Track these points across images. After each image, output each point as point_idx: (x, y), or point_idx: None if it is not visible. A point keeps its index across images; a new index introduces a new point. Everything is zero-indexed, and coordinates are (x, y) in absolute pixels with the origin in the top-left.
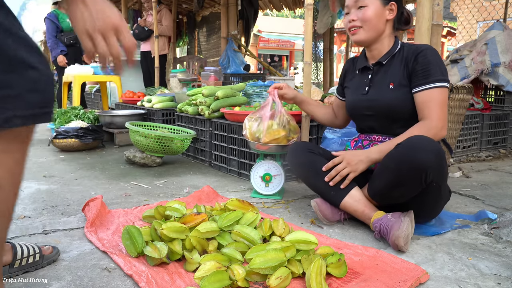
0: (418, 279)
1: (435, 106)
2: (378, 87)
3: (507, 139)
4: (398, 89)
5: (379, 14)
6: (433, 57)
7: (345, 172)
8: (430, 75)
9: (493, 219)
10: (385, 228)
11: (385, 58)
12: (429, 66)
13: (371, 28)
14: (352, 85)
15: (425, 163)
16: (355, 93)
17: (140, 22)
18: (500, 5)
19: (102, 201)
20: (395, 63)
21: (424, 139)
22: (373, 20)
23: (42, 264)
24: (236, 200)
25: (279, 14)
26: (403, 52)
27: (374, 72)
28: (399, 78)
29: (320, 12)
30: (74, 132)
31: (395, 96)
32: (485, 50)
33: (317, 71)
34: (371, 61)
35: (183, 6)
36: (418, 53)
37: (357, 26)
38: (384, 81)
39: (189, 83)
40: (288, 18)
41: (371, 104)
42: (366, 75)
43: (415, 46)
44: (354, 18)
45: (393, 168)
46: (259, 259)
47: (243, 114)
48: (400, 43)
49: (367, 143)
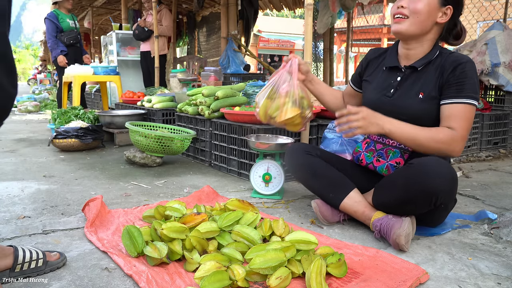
0: (418, 279)
1: (463, 122)
2: (406, 93)
3: (507, 139)
4: (427, 100)
5: (432, 11)
6: (471, 72)
7: (355, 125)
8: (464, 89)
9: (493, 219)
10: (385, 227)
11: (420, 64)
12: (465, 81)
13: (418, 22)
14: (375, 81)
15: (437, 189)
16: (378, 92)
17: (139, 23)
18: (500, 5)
19: (102, 201)
20: (429, 71)
21: (438, 162)
22: (424, 14)
23: (45, 270)
24: (236, 200)
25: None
26: (441, 60)
27: (405, 75)
28: (430, 89)
29: (320, 12)
30: (74, 132)
31: (422, 108)
32: (485, 50)
33: (317, 71)
34: (403, 62)
35: (183, 6)
36: (457, 65)
37: (404, 14)
38: (414, 88)
39: (189, 83)
40: (288, 18)
41: (395, 110)
42: (394, 76)
43: (455, 56)
44: (404, 4)
45: (403, 187)
46: (259, 259)
47: (243, 114)
48: (439, 48)
49: (380, 146)
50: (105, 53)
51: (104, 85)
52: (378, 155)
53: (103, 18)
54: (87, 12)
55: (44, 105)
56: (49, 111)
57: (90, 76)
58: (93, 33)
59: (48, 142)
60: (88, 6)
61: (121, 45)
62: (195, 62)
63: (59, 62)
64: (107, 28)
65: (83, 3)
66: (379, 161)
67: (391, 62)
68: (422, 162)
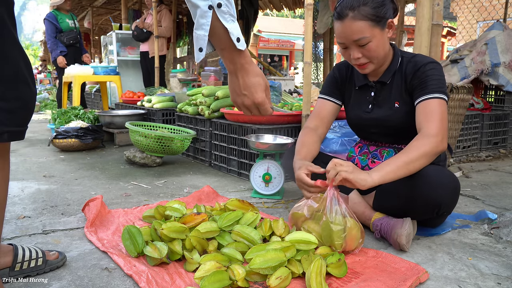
0: (418, 279)
1: (434, 118)
2: (383, 106)
3: (507, 139)
4: (403, 108)
5: (383, 41)
6: (432, 71)
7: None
8: (426, 87)
9: (493, 219)
10: (386, 227)
11: (388, 77)
12: (427, 79)
13: (380, 58)
14: (352, 98)
15: (440, 200)
16: (358, 109)
17: (138, 24)
18: (500, 5)
19: (102, 201)
20: (396, 80)
21: (441, 172)
22: (380, 52)
23: (45, 269)
24: (236, 200)
25: (279, 14)
26: (403, 67)
27: (377, 89)
28: (402, 96)
29: (320, 12)
30: (74, 132)
31: (400, 116)
32: (485, 50)
33: (317, 71)
34: (371, 78)
35: (183, 6)
36: (417, 69)
37: (364, 62)
38: (389, 99)
39: (189, 83)
40: (288, 18)
41: (377, 123)
42: (367, 92)
43: (415, 61)
44: (359, 56)
45: (405, 198)
46: (259, 259)
47: (243, 114)
48: (399, 54)
49: (373, 148)
50: (105, 53)
51: (104, 85)
52: (372, 156)
53: (103, 18)
54: (87, 12)
55: (44, 105)
56: (49, 111)
57: (90, 76)
58: (93, 33)
59: (48, 142)
60: (88, 6)
61: (121, 45)
62: (195, 62)
63: (59, 63)
64: (107, 28)
65: (83, 3)
66: (374, 162)
67: (361, 81)
68: (424, 173)
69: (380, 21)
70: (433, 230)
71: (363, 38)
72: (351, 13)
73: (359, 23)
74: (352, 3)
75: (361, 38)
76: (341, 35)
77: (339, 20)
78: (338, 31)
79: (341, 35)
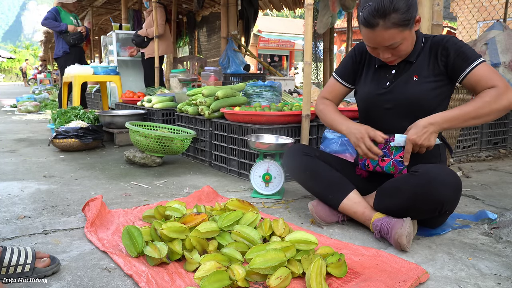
0: (418, 279)
1: (491, 76)
2: (402, 81)
3: (507, 139)
4: (422, 82)
5: (412, 38)
6: (460, 42)
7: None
8: (468, 57)
9: (493, 219)
10: (386, 227)
11: (415, 57)
12: (462, 49)
13: (408, 51)
14: (369, 76)
15: (443, 199)
16: (375, 85)
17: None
18: (500, 5)
19: (102, 201)
20: (421, 58)
21: (444, 171)
22: (409, 47)
23: (31, 276)
24: (236, 200)
25: (279, 14)
26: (428, 45)
27: (399, 68)
28: (423, 71)
29: (320, 12)
30: (74, 132)
31: (418, 90)
32: (485, 50)
33: (317, 71)
34: None
35: (183, 6)
36: (445, 44)
37: (394, 59)
38: (409, 75)
39: (189, 83)
40: (288, 18)
41: (392, 97)
42: (388, 70)
43: (438, 39)
44: (388, 56)
45: (407, 196)
46: (259, 259)
47: (243, 114)
48: (421, 35)
49: (382, 146)
50: (105, 53)
51: (104, 85)
52: (382, 155)
53: (103, 18)
54: (87, 12)
55: (44, 105)
56: (49, 111)
57: (90, 76)
58: (93, 33)
59: (48, 142)
60: (88, 6)
61: (121, 45)
62: (195, 62)
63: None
64: (107, 28)
65: (83, 3)
66: (384, 160)
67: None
68: (427, 171)
69: (409, 24)
70: (433, 230)
71: (394, 44)
72: (381, 22)
73: (391, 31)
74: (382, 10)
75: (393, 44)
76: (371, 41)
77: (369, 28)
78: (368, 38)
79: (371, 41)
